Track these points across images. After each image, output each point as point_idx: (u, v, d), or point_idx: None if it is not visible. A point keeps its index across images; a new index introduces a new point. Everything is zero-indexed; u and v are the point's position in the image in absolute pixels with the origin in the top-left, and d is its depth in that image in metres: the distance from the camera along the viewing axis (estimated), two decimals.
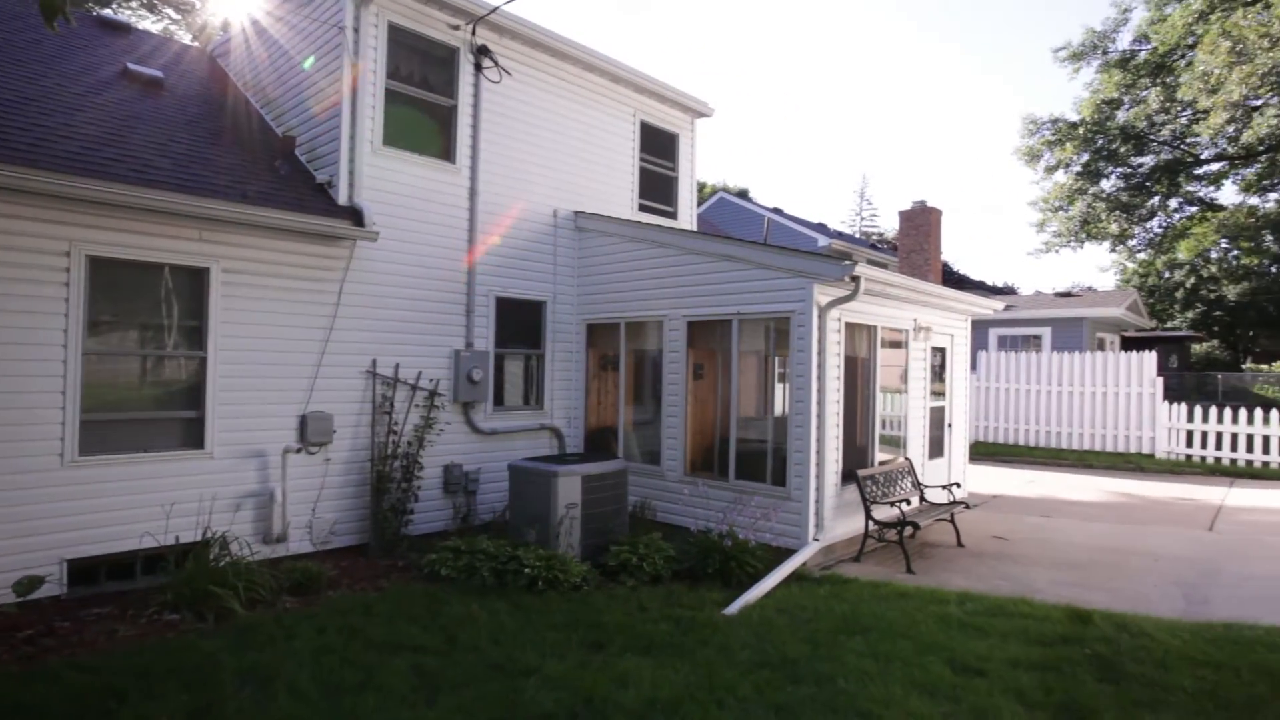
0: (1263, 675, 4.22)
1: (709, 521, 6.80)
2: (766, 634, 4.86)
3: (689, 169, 10.59)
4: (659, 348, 8.04)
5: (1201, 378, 32.00)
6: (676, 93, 10.05)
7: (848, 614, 5.26)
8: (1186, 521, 8.87)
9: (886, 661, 4.40)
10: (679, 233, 8.17)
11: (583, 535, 6.42)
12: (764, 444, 7.22)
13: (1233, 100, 20.52)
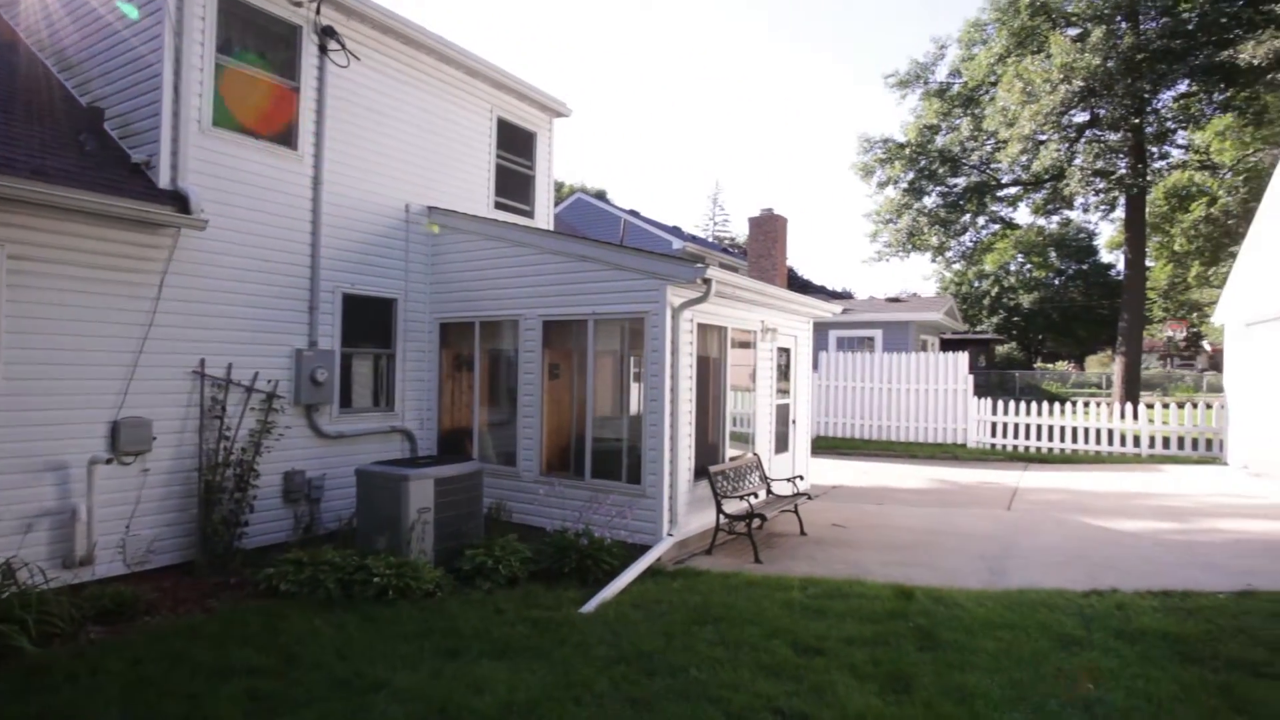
0: (1045, 631, 4.86)
1: (566, 521, 6.82)
2: (623, 629, 4.96)
3: (546, 168, 10.56)
4: (515, 348, 7.95)
5: (1003, 375, 36.19)
6: (535, 91, 9.98)
7: (700, 605, 5.47)
8: (990, 503, 10.00)
9: (736, 648, 4.63)
10: (536, 232, 8.12)
11: (436, 540, 6.22)
12: (620, 443, 7.34)
13: (1024, 134, 23.33)
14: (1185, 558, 6.92)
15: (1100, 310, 44.35)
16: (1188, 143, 25.23)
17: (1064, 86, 21.95)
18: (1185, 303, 32.52)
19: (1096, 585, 5.93)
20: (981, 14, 26.68)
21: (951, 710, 3.77)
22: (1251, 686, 4.04)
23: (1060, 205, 27.31)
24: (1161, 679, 4.13)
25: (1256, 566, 6.49)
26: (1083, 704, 3.86)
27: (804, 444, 10.51)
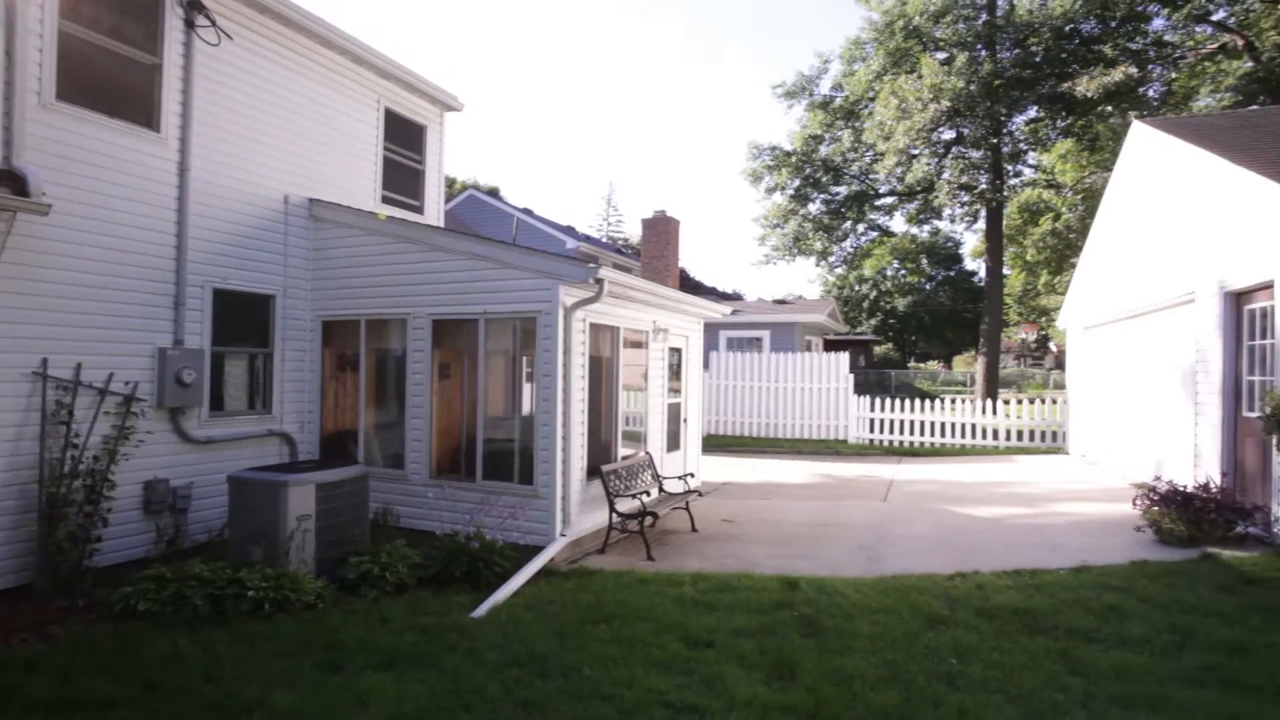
0: (916, 613, 5.22)
1: (457, 524, 6.67)
2: (515, 632, 4.91)
3: (437, 163, 10.27)
4: (403, 347, 7.69)
5: (881, 374, 38.41)
6: (425, 83, 9.68)
7: (593, 604, 5.49)
8: (869, 495, 10.60)
9: (629, 645, 4.68)
10: (426, 229, 7.89)
11: (318, 549, 5.92)
12: (512, 443, 7.25)
13: (899, 148, 24.91)
14: (1034, 539, 7.60)
15: (965, 314, 47.94)
16: (1037, 163, 27.71)
17: (933, 105, 23.56)
18: (1036, 308, 35.66)
19: (960, 568, 6.41)
20: (861, 33, 28.18)
21: (832, 692, 3.98)
22: (1084, 650, 4.51)
23: (931, 215, 29.33)
24: (1013, 650, 4.53)
25: (1090, 544, 7.23)
26: (947, 677, 4.17)
27: (695, 442, 10.75)
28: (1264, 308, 7.17)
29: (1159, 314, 10.12)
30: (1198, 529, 6.99)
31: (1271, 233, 6.78)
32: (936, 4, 24.89)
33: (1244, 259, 7.43)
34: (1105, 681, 4.09)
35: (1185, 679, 4.13)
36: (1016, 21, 24.14)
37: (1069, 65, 23.30)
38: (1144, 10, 23.87)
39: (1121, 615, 5.11)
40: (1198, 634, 4.74)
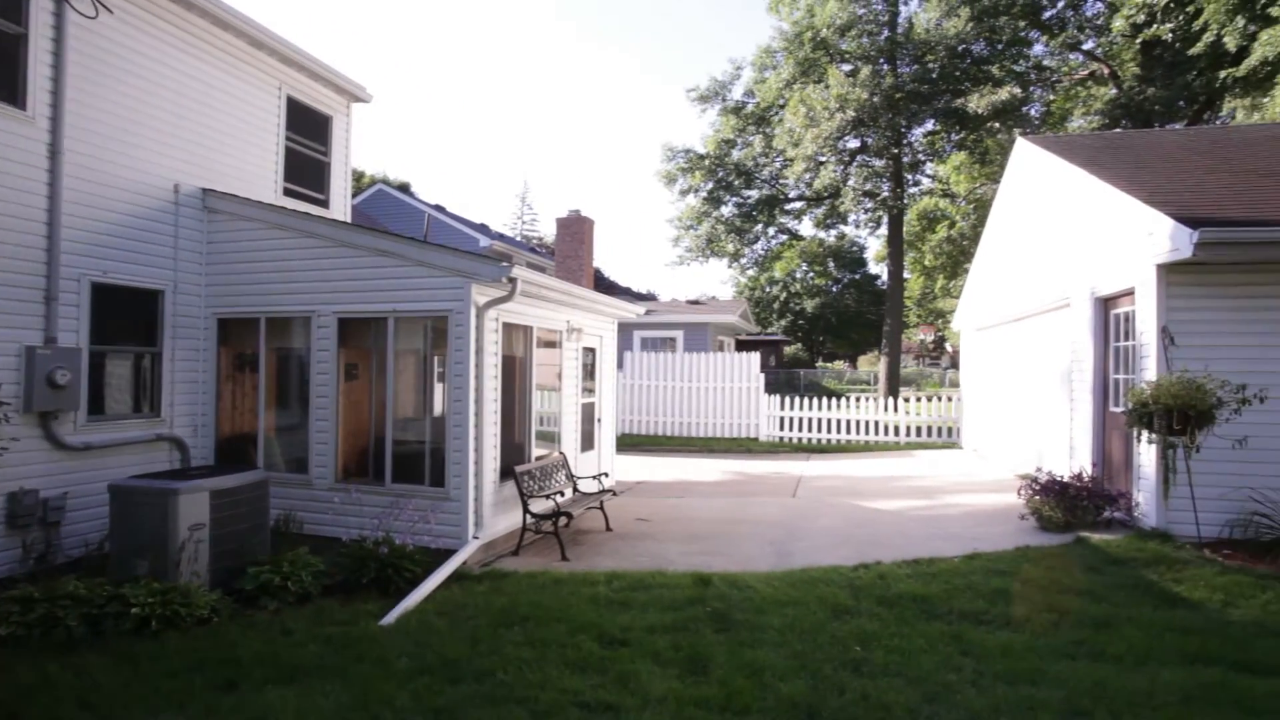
0: (823, 604, 5.42)
1: (364, 529, 6.44)
2: (426, 639, 4.79)
3: (344, 156, 9.88)
4: (307, 346, 7.37)
5: (790, 374, 39.61)
6: (330, 71, 9.30)
7: (507, 607, 5.43)
8: (779, 491, 10.93)
9: (543, 646, 4.65)
10: (331, 223, 7.58)
11: (213, 560, 5.59)
12: (423, 445, 7.07)
13: (807, 155, 25.82)
14: (931, 530, 8.04)
15: (869, 315, 50.09)
16: (934, 173, 29.28)
17: (839, 115, 24.50)
18: (933, 310, 37.70)
19: (864, 559, 6.70)
20: (772, 42, 29.01)
21: (743, 684, 4.08)
22: (975, 632, 4.81)
23: (837, 220, 30.49)
24: (912, 635, 4.78)
25: (980, 533, 7.71)
26: (852, 665, 4.36)
27: (609, 442, 10.79)
28: (1127, 312, 7.84)
29: (1040, 317, 10.90)
30: (1072, 515, 7.57)
31: (1132, 244, 7.42)
32: (842, 18, 25.91)
33: (1111, 268, 8.10)
34: (992, 660, 4.37)
35: (1060, 653, 4.47)
36: (915, 39, 25.45)
37: (962, 83, 24.77)
38: (1026, 36, 25.67)
39: (1007, 598, 5.47)
40: (1071, 612, 5.13)
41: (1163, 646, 4.51)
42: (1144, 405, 6.57)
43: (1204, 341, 6.87)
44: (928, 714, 3.76)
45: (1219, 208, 7.16)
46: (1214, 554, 6.35)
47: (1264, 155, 9.08)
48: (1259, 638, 4.66)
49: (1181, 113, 23.10)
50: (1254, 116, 18.39)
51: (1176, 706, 3.78)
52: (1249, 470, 6.68)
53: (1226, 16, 17.88)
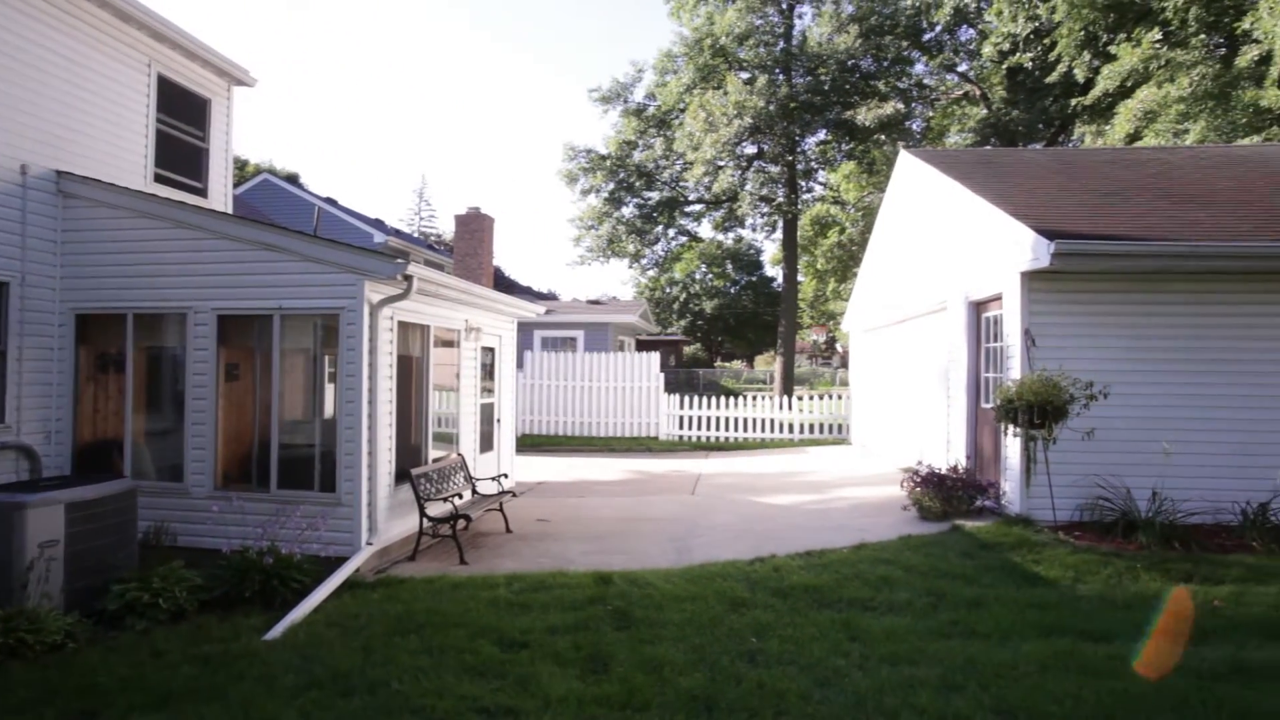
0: (721, 598, 5.56)
1: (247, 539, 6.06)
2: (315, 652, 4.58)
3: (224, 142, 9.26)
4: (182, 345, 6.86)
5: (690, 373, 40.36)
6: (208, 50, 8.69)
7: (402, 614, 5.26)
8: (678, 489, 11.12)
9: (441, 653, 4.55)
10: (210, 214, 7.10)
11: (69, 578, 5.12)
12: (312, 448, 6.74)
13: (706, 159, 26.39)
14: (823, 523, 8.41)
15: (766, 316, 51.73)
16: (826, 181, 30.57)
17: (737, 121, 25.18)
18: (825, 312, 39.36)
19: (760, 553, 6.93)
20: (673, 47, 29.44)
21: (644, 681, 4.14)
22: (862, 618, 5.08)
23: (735, 224, 31.33)
24: (804, 624, 4.99)
25: (867, 524, 8.13)
26: (748, 655, 4.50)
27: (509, 442, 10.65)
28: (996, 315, 8.49)
29: (921, 320, 11.62)
30: (949, 505, 8.12)
31: (1000, 253, 8.04)
32: (740, 27, 26.66)
33: (982, 274, 8.75)
34: (878, 644, 4.63)
35: (938, 634, 4.79)
36: (809, 52, 26.52)
37: (851, 96, 26.03)
38: (909, 55, 27.29)
39: (891, 584, 5.81)
40: (947, 595, 5.51)
41: (1024, 622, 4.92)
42: (1010, 402, 7.13)
43: (1060, 343, 7.53)
44: (818, 698, 3.94)
45: (1071, 222, 7.87)
46: (1067, 536, 6.98)
47: (1106, 177, 10.06)
48: (1101, 609, 5.17)
49: (1041, 134, 25.23)
50: (1098, 141, 20.31)
51: (1035, 675, 4.13)
52: (1095, 459, 7.38)
53: (1076, 51, 19.68)
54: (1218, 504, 7.21)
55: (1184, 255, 7.11)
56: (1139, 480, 7.25)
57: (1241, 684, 4.03)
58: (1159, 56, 17.31)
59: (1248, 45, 15.64)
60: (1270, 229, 7.51)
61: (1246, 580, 5.78)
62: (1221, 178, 9.75)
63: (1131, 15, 19.05)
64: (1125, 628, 4.83)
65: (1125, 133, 17.56)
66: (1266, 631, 4.78)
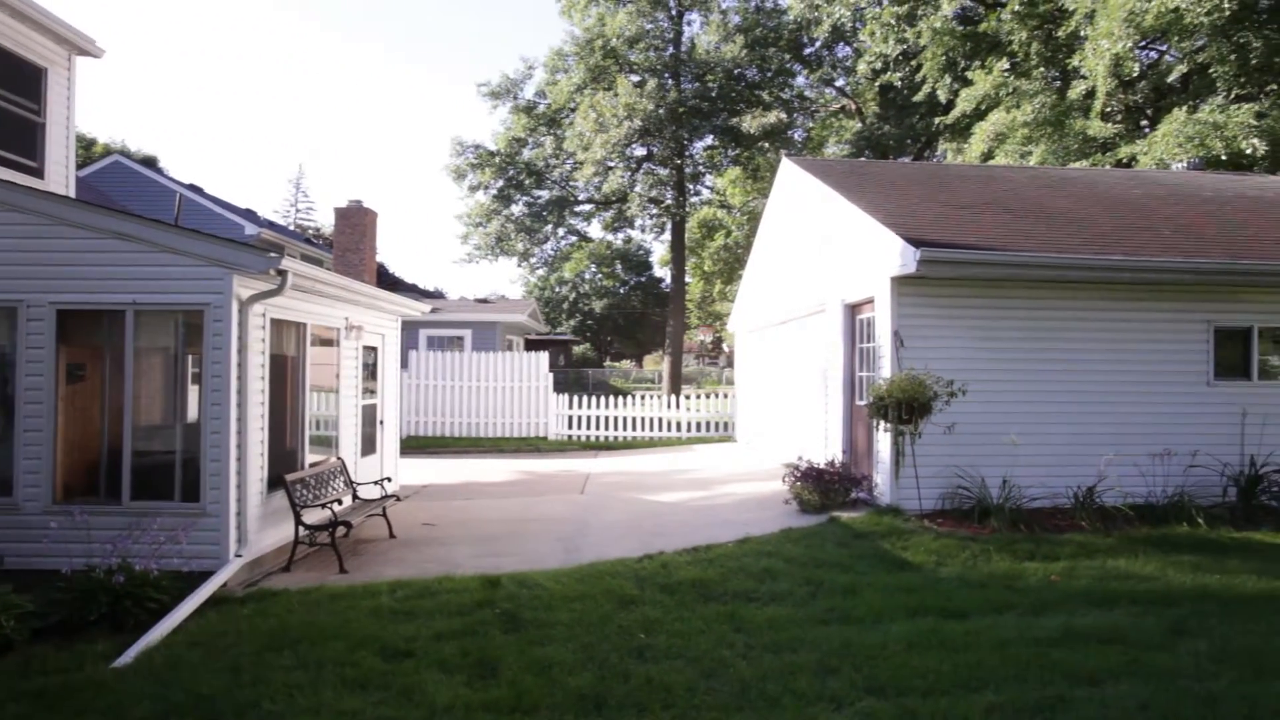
0: (610, 596, 5.61)
1: (94, 557, 5.51)
2: (174, 676, 4.24)
3: (64, 117, 8.37)
4: (12, 343, 6.15)
5: (579, 373, 40.35)
6: (43, 13, 7.82)
7: (276, 629, 4.96)
8: (568, 489, 11.10)
9: (318, 668, 4.33)
10: (48, 197, 6.41)
11: None
12: (172, 455, 6.23)
13: (596, 159, 26.48)
14: (709, 518, 8.64)
15: (654, 317, 52.51)
16: (713, 185, 31.42)
17: (627, 123, 25.42)
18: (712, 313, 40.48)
19: (648, 550, 7.03)
20: (565, 45, 29.33)
21: (532, 683, 4.11)
22: (746, 609, 5.27)
23: (624, 224, 31.61)
24: (691, 618, 5.12)
25: (751, 518, 8.44)
26: (637, 652, 4.57)
27: (393, 445, 10.27)
28: (869, 318, 9.03)
29: (802, 321, 12.17)
30: (827, 498, 8.56)
31: (873, 258, 8.57)
32: (631, 30, 26.92)
33: (857, 278, 9.28)
34: (761, 633, 4.82)
35: (816, 620, 5.05)
36: (697, 58, 27.16)
37: (737, 103, 26.88)
38: (791, 68, 28.51)
39: (773, 576, 6.06)
40: (825, 583, 5.81)
41: (893, 605, 5.27)
42: (881, 399, 7.61)
43: (925, 344, 8.11)
44: (704, 689, 4.05)
45: (935, 231, 8.49)
46: (932, 523, 7.53)
47: (965, 191, 10.93)
48: (960, 589, 5.62)
49: (909, 148, 27.06)
50: (958, 158, 22.04)
51: (902, 653, 4.44)
52: (956, 452, 8.01)
53: (939, 74, 21.28)
54: (1055, 489, 8.01)
55: (1026, 265, 7.84)
56: (992, 470, 7.93)
57: (1071, 648, 4.50)
58: (1008, 84, 18.99)
59: (1077, 80, 17.46)
60: (1094, 245, 8.41)
61: (1077, 556, 6.45)
62: (1057, 196, 10.83)
63: (985, 45, 20.81)
64: (980, 605, 5.28)
65: (980, 151, 19.14)
66: (1092, 600, 5.36)
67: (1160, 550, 6.63)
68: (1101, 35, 15.99)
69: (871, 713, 3.75)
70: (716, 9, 27.81)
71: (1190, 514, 7.54)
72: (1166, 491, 8.02)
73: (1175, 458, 8.21)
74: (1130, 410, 8.33)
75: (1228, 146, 14.75)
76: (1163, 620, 4.96)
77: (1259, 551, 6.68)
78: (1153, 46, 19.49)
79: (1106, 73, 16.12)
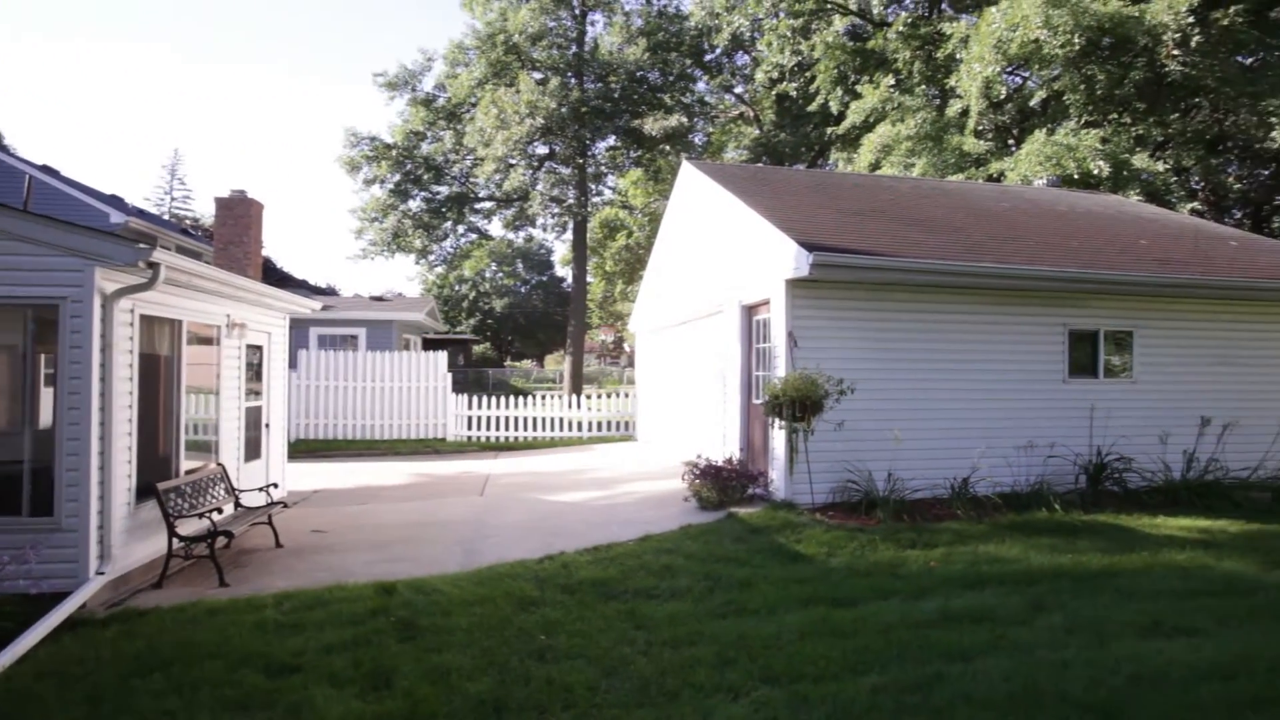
0: (510, 598, 5.54)
1: None
2: (19, 713, 3.85)
3: None
4: None
5: (479, 373, 39.59)
6: None
7: (143, 651, 4.60)
8: (467, 491, 10.87)
9: (193, 690, 4.04)
10: None
11: None
12: (20, 465, 5.64)
13: (497, 156, 26.08)
14: (610, 517, 8.69)
15: (556, 316, 52.21)
16: (615, 186, 31.58)
17: (529, 121, 25.16)
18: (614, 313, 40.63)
19: (549, 551, 6.99)
20: (465, 39, 28.68)
21: (429, 691, 4.00)
22: (647, 606, 5.33)
23: (526, 223, 31.26)
24: (592, 617, 5.13)
25: (652, 516, 8.55)
26: (538, 653, 4.53)
27: (280, 449, 9.73)
28: (765, 319, 9.34)
29: (701, 321, 12.43)
30: (725, 495, 8.78)
31: (769, 261, 8.87)
32: (534, 27, 26.67)
33: (753, 280, 9.58)
34: (661, 629, 4.90)
35: (714, 615, 5.18)
36: (600, 59, 27.21)
37: (639, 106, 27.13)
38: (692, 73, 29.05)
39: (673, 572, 6.16)
40: (722, 578, 5.96)
41: (788, 596, 5.48)
42: (776, 398, 7.90)
43: (818, 344, 8.47)
44: (605, 687, 4.08)
45: (826, 236, 8.88)
46: (823, 516, 7.87)
47: (854, 199, 11.50)
48: (848, 578, 5.92)
49: (804, 156, 28.17)
50: (848, 167, 23.17)
51: (796, 643, 4.62)
52: (845, 447, 8.41)
53: (831, 86, 22.29)
54: (935, 481, 8.57)
55: (909, 270, 8.34)
56: (879, 464, 8.39)
57: (947, 628, 4.83)
58: (893, 99, 20.13)
59: (954, 99, 18.74)
60: (969, 253, 9.05)
61: (953, 543, 6.93)
62: (936, 207, 11.58)
63: (874, 61, 21.96)
64: (867, 592, 5.57)
65: (869, 162, 20.18)
66: (966, 583, 5.78)
67: (1023, 534, 7.21)
68: (974, 59, 17.23)
69: (766, 701, 3.89)
70: (620, 11, 27.99)
71: (1049, 500, 8.25)
72: (1029, 480, 8.75)
73: (1036, 449, 8.98)
74: (1000, 406, 9.01)
75: (1079, 167, 16.25)
76: (1025, 598, 5.41)
77: (1103, 532, 7.39)
78: (1018, 73, 21.17)
79: (979, 94, 17.40)
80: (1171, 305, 9.57)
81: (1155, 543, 7.00)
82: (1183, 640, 4.67)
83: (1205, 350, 9.75)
